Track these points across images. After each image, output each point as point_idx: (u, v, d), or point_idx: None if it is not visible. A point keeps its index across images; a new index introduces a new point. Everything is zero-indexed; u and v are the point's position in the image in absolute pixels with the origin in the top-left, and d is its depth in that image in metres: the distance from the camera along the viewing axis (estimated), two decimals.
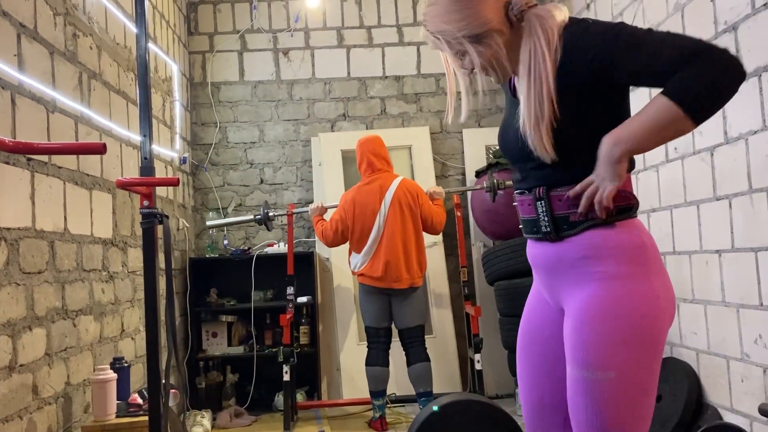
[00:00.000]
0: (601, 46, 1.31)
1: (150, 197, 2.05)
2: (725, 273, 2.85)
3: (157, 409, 2.00)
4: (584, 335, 1.34)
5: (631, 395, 1.32)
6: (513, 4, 1.39)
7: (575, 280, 1.40)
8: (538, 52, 1.34)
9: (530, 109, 1.35)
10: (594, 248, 1.37)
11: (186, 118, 4.62)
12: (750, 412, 2.70)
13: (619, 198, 1.36)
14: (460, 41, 1.40)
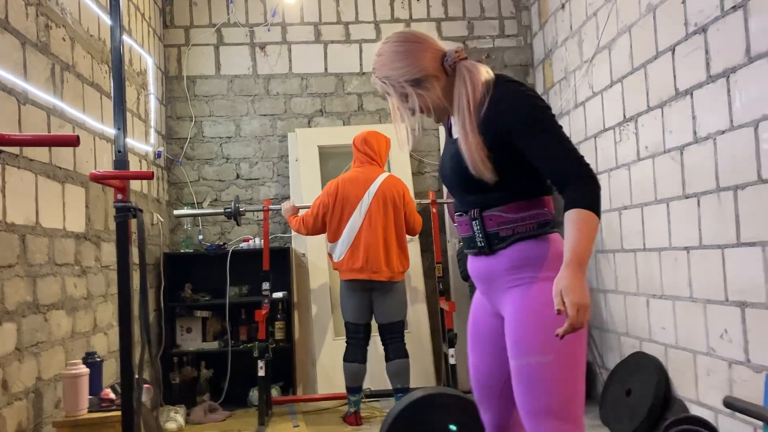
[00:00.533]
0: (517, 121, 1.56)
1: (124, 191, 2.04)
2: (693, 269, 2.92)
3: (130, 404, 1.99)
4: (521, 328, 1.56)
5: (567, 373, 1.53)
6: (447, 56, 1.65)
7: (508, 286, 1.62)
8: (464, 97, 1.60)
9: (464, 142, 1.59)
10: (521, 259, 1.60)
11: (161, 111, 4.58)
12: (715, 405, 2.78)
13: (537, 216, 1.61)
14: (403, 85, 1.64)
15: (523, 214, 1.61)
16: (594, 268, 4.01)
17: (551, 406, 1.50)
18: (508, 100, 1.57)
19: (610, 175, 3.73)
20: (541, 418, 1.51)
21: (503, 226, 1.62)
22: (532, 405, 1.52)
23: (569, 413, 1.51)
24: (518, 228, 1.61)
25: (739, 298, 2.58)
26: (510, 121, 1.56)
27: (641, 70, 3.31)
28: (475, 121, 1.58)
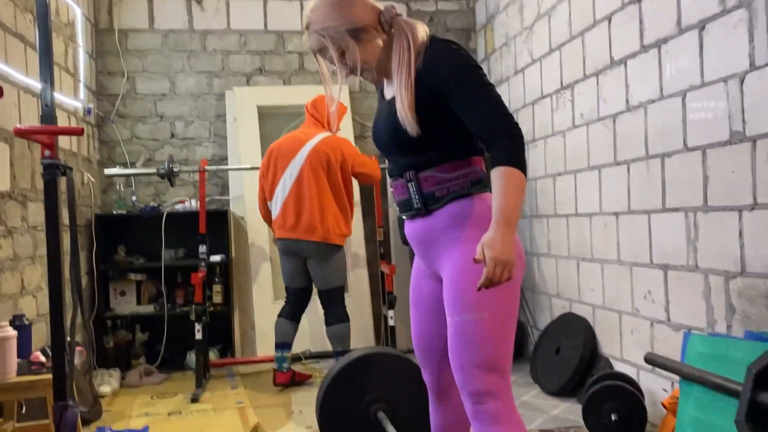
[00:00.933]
0: (450, 77, 1.57)
1: (52, 147, 1.95)
2: (621, 234, 3.05)
3: (61, 366, 1.94)
4: (458, 287, 1.59)
5: (500, 331, 1.58)
6: (385, 12, 1.66)
7: (444, 246, 1.65)
8: (405, 51, 1.61)
9: (399, 95, 1.59)
10: (456, 218, 1.63)
11: (91, 66, 4.37)
12: (637, 362, 2.94)
13: (470, 174, 1.64)
14: (343, 36, 1.62)
15: (457, 173, 1.63)
16: (528, 232, 4.13)
17: (482, 361, 1.56)
18: (443, 58, 1.59)
19: (546, 142, 3.82)
20: (473, 371, 1.57)
21: (438, 186, 1.64)
22: (465, 360, 1.57)
23: (498, 366, 1.57)
24: (452, 187, 1.63)
25: (663, 261, 2.71)
26: (444, 77, 1.57)
27: (579, 39, 3.37)
28: (414, 74, 1.59)
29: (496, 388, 1.56)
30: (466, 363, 1.57)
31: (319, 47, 1.66)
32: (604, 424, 2.63)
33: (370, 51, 1.64)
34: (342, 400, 2.36)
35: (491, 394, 1.56)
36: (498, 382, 1.57)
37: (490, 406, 1.56)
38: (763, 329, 2.17)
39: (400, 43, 1.63)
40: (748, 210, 2.21)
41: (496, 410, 1.55)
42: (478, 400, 1.56)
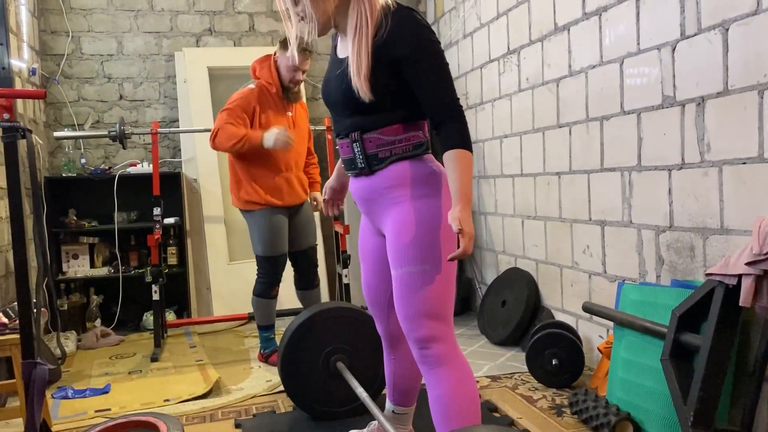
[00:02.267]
0: (412, 52, 1.62)
1: (11, 110, 1.95)
2: (563, 193, 3.23)
3: (29, 325, 1.99)
4: (401, 242, 1.69)
5: (441, 281, 1.68)
6: None
7: (387, 205, 1.75)
8: (363, 16, 1.64)
9: (355, 61, 1.64)
10: (398, 178, 1.72)
11: (33, 24, 4.24)
12: (576, 311, 3.16)
13: (413, 138, 1.73)
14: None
15: (401, 137, 1.71)
16: (476, 192, 4.30)
17: (426, 310, 1.67)
18: (405, 30, 1.62)
19: (494, 105, 3.96)
20: (418, 319, 1.68)
21: (382, 148, 1.72)
22: (410, 309, 1.69)
23: (441, 313, 1.69)
24: (395, 149, 1.72)
25: (600, 218, 2.91)
26: (404, 49, 1.62)
27: (525, 4, 3.49)
28: (372, 40, 1.63)
29: (440, 334, 1.68)
30: (410, 312, 1.68)
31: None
32: (545, 369, 2.84)
33: (324, 7, 1.66)
34: (303, 353, 2.48)
35: (435, 339, 1.68)
36: (441, 328, 1.69)
37: (435, 350, 1.68)
38: (687, 278, 2.39)
39: (359, 6, 1.65)
40: (677, 169, 2.40)
41: (441, 354, 1.68)
42: (423, 345, 1.69)
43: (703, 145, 2.26)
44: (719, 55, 2.17)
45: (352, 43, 1.66)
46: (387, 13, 1.65)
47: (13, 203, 2.00)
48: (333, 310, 2.54)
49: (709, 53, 2.21)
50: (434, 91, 1.64)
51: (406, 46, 1.62)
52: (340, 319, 2.54)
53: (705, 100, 2.24)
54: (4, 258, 3.35)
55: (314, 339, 2.49)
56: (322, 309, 2.53)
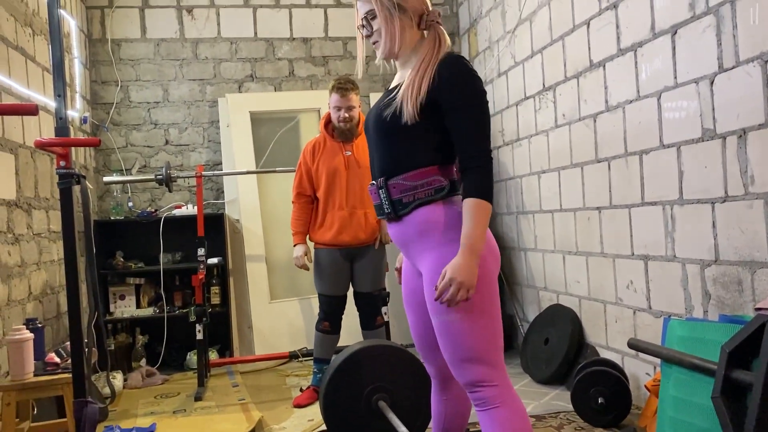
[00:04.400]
0: (458, 95, 1.68)
1: (67, 158, 2.06)
2: (604, 227, 3.20)
3: (80, 364, 2.05)
4: (431, 291, 1.68)
5: (482, 326, 1.67)
6: (432, 12, 1.78)
7: (419, 250, 1.76)
8: (431, 52, 1.72)
9: (410, 84, 1.70)
10: (425, 223, 1.73)
11: (85, 76, 4.46)
12: (621, 348, 3.10)
13: (434, 182, 1.73)
14: (391, 2, 1.73)
15: (422, 181, 1.72)
16: (515, 228, 4.28)
17: (469, 356, 1.67)
18: (457, 77, 1.67)
19: (531, 141, 3.97)
20: (462, 365, 1.68)
21: (405, 193, 1.74)
22: (453, 356, 1.69)
23: (486, 358, 1.68)
24: (417, 194, 1.73)
25: (643, 252, 2.87)
26: (451, 95, 1.66)
27: (559, 42, 3.53)
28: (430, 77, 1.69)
29: (488, 377, 1.67)
30: (454, 359, 1.69)
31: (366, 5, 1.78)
32: (591, 407, 2.78)
33: (397, 30, 1.74)
34: (344, 392, 2.49)
35: (484, 382, 1.67)
36: (489, 372, 1.67)
37: (485, 393, 1.67)
38: (735, 313, 2.33)
39: (432, 44, 1.73)
40: (720, 202, 2.37)
41: (491, 396, 1.67)
42: (472, 390, 1.69)
43: (747, 177, 2.23)
44: (759, 87, 2.15)
45: (415, 71, 1.71)
46: (444, 58, 1.71)
47: (67, 246, 2.08)
48: (374, 348, 2.55)
49: (748, 85, 2.20)
50: (467, 139, 1.67)
51: (454, 92, 1.67)
52: (382, 357, 2.54)
53: (746, 132, 2.22)
54: (56, 299, 3.47)
55: (356, 377, 2.50)
56: (363, 347, 2.54)
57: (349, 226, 3.36)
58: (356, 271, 3.44)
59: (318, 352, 3.45)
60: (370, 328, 3.50)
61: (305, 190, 3.45)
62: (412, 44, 1.77)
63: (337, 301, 3.43)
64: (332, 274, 3.40)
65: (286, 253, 4.47)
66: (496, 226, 4.59)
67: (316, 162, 3.42)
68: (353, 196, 3.37)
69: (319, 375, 3.42)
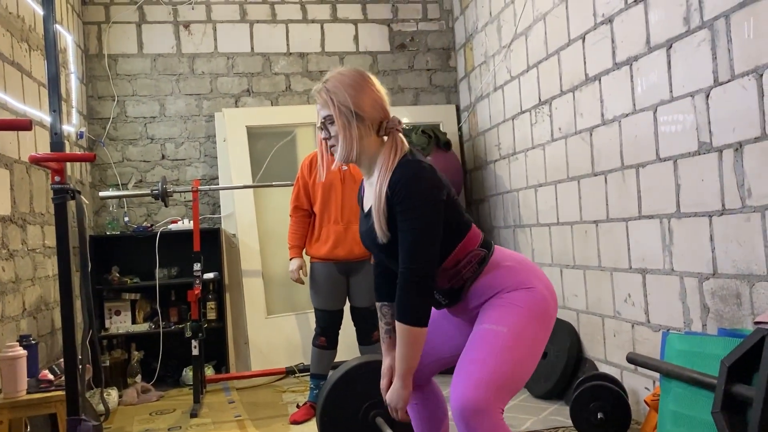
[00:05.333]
0: (400, 201, 1.69)
1: (61, 173, 2.05)
2: (601, 241, 3.20)
3: (74, 382, 2.03)
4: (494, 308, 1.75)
5: (520, 352, 1.69)
6: (392, 120, 1.79)
7: (476, 312, 1.81)
8: (386, 163, 1.74)
9: (377, 211, 1.73)
10: (483, 295, 1.78)
11: (82, 91, 4.46)
12: (620, 363, 3.08)
13: (475, 256, 1.78)
14: (349, 111, 1.74)
15: (463, 262, 1.77)
16: (512, 242, 4.28)
17: (493, 369, 1.64)
18: (404, 185, 1.69)
19: (527, 155, 3.98)
20: (478, 381, 1.62)
21: (453, 279, 1.78)
22: (475, 365, 1.66)
23: (503, 383, 1.64)
24: (465, 275, 1.78)
25: (641, 266, 2.86)
26: (397, 204, 1.69)
27: (555, 56, 3.54)
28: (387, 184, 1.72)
29: (486, 405, 1.61)
30: (469, 368, 1.66)
31: (322, 101, 1.78)
32: (591, 423, 2.76)
33: (354, 138, 1.75)
34: (341, 408, 2.46)
35: (480, 406, 1.60)
36: (490, 401, 1.62)
37: (475, 423, 1.61)
38: (734, 326, 2.32)
39: (388, 153, 1.75)
40: (718, 215, 2.37)
41: (480, 426, 1.61)
42: (462, 413, 1.62)
43: (744, 190, 2.23)
44: (754, 100, 2.16)
45: (375, 191, 1.74)
46: (396, 169, 1.72)
47: (62, 261, 2.07)
48: (371, 363, 2.52)
49: (743, 99, 2.20)
50: (402, 252, 1.70)
51: (400, 205, 1.69)
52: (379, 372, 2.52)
53: (743, 145, 2.22)
54: (51, 315, 3.44)
55: (353, 393, 2.47)
56: (360, 363, 2.52)
57: (345, 241, 3.34)
58: (352, 285, 3.43)
59: (315, 368, 3.42)
60: (367, 344, 3.48)
61: (302, 204, 3.44)
62: (371, 151, 1.78)
63: (334, 316, 3.41)
64: (328, 289, 3.39)
65: (282, 267, 4.45)
66: (493, 240, 4.58)
67: (312, 176, 3.42)
68: (349, 211, 3.36)
69: (315, 391, 3.39)
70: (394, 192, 1.69)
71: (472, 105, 4.87)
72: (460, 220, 1.80)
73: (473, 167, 4.91)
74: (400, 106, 5.06)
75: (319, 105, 1.80)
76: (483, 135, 4.66)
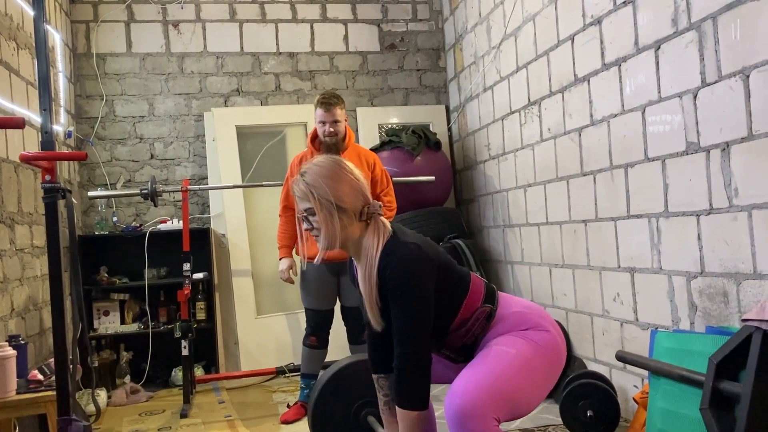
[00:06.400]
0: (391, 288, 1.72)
1: (52, 172, 2.04)
2: (590, 240, 3.22)
3: (65, 381, 2.02)
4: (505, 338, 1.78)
5: (528, 379, 1.71)
6: (372, 205, 1.80)
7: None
8: (373, 250, 1.75)
9: (367, 291, 1.76)
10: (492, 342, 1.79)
11: (70, 90, 4.43)
12: (609, 361, 3.11)
13: (481, 313, 1.81)
14: (330, 203, 1.74)
15: (470, 321, 1.81)
16: (502, 241, 4.30)
17: (499, 385, 1.65)
18: (392, 267, 1.72)
19: (516, 155, 4.00)
20: (481, 394, 1.62)
21: (465, 337, 1.82)
22: (481, 375, 1.66)
23: (505, 401, 1.65)
24: (475, 331, 1.82)
25: (629, 265, 2.89)
26: (390, 290, 1.72)
27: (544, 57, 3.57)
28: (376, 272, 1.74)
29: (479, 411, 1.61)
30: (476, 378, 1.66)
31: (302, 195, 1.79)
32: (580, 420, 2.78)
33: (340, 228, 1.76)
34: (333, 407, 2.46)
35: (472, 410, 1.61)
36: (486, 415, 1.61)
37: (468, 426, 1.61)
38: (722, 324, 2.35)
39: (372, 238, 1.76)
40: (705, 215, 2.40)
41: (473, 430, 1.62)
42: (455, 415, 1.62)
43: (731, 190, 2.26)
44: (741, 101, 2.19)
45: (365, 275, 1.76)
46: (387, 246, 1.75)
47: (52, 261, 2.06)
48: (363, 362, 2.53)
49: (731, 100, 2.23)
50: (395, 338, 1.72)
51: (391, 292, 1.72)
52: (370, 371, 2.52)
53: (730, 145, 2.25)
54: (39, 315, 3.42)
55: (345, 392, 2.47)
56: (351, 362, 2.53)
57: None
58: (343, 285, 3.43)
59: (305, 368, 3.42)
60: (358, 343, 3.48)
61: (292, 204, 3.44)
62: (355, 237, 1.79)
63: (324, 316, 3.41)
64: (319, 289, 3.39)
65: (272, 267, 4.44)
66: (483, 240, 4.60)
67: None
68: None
69: (306, 390, 3.39)
70: (384, 280, 1.72)
71: (462, 105, 4.89)
72: (457, 284, 1.82)
73: (463, 167, 4.93)
74: (389, 106, 5.07)
75: (298, 197, 1.80)
76: (472, 135, 4.68)
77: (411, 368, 1.70)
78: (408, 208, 4.29)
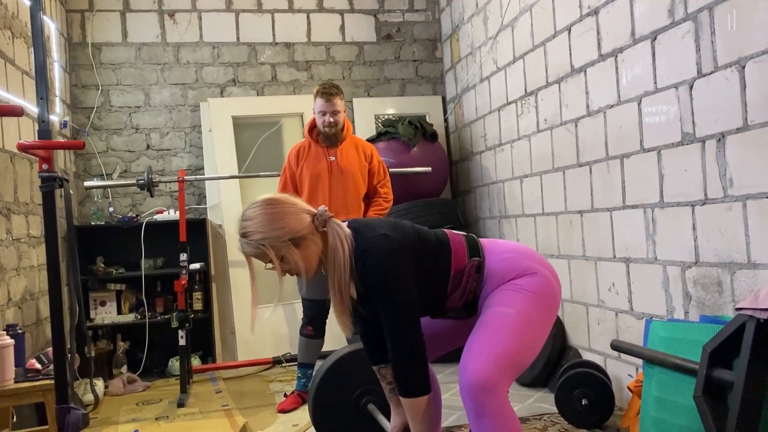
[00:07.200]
0: (372, 290, 1.75)
1: (50, 161, 2.04)
2: (586, 230, 3.24)
3: (63, 370, 2.02)
4: (500, 295, 1.81)
5: (528, 334, 1.76)
6: (318, 215, 1.77)
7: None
8: (339, 253, 1.74)
9: (334, 295, 1.76)
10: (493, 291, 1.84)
11: (65, 80, 4.42)
12: (604, 350, 3.13)
13: (470, 272, 1.84)
14: (284, 244, 1.71)
15: (464, 278, 1.83)
16: (498, 232, 4.31)
17: (500, 350, 1.70)
18: (366, 272, 1.73)
19: (513, 146, 4.01)
20: (487, 360, 1.68)
21: (464, 295, 1.85)
22: (485, 344, 1.71)
23: (510, 363, 1.70)
24: (471, 287, 1.85)
25: (625, 255, 2.91)
26: (369, 289, 1.75)
27: (541, 48, 3.57)
28: (350, 271, 1.75)
29: (494, 383, 1.66)
30: (479, 347, 1.71)
31: (256, 254, 1.75)
32: (575, 409, 2.80)
33: (308, 255, 1.75)
34: (333, 395, 2.48)
35: (488, 383, 1.66)
36: (498, 377, 1.67)
37: (485, 397, 1.66)
38: (716, 313, 2.37)
39: (335, 246, 1.75)
40: (700, 205, 2.41)
41: (488, 402, 1.66)
42: (472, 390, 1.66)
43: (726, 180, 2.27)
44: (737, 91, 2.20)
45: (336, 280, 1.76)
46: (356, 251, 1.75)
47: (50, 250, 2.06)
48: (363, 351, 2.54)
49: (726, 90, 2.24)
50: (387, 332, 1.74)
51: (371, 290, 1.74)
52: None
53: (725, 136, 2.27)
54: (36, 305, 3.42)
55: (345, 380, 2.49)
56: (352, 350, 2.54)
57: None
58: None
59: (302, 357, 3.44)
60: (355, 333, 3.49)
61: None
62: (324, 249, 1.78)
63: (320, 306, 3.42)
64: (315, 279, 3.37)
65: None
66: (479, 231, 4.61)
67: (300, 166, 3.42)
68: (336, 202, 3.37)
69: (303, 380, 3.40)
70: (364, 285, 1.74)
71: (458, 96, 4.89)
72: (439, 250, 1.84)
73: (459, 158, 4.93)
74: (386, 97, 5.07)
75: (255, 258, 1.77)
76: (469, 126, 4.68)
77: (408, 358, 1.72)
78: (404, 200, 4.30)
